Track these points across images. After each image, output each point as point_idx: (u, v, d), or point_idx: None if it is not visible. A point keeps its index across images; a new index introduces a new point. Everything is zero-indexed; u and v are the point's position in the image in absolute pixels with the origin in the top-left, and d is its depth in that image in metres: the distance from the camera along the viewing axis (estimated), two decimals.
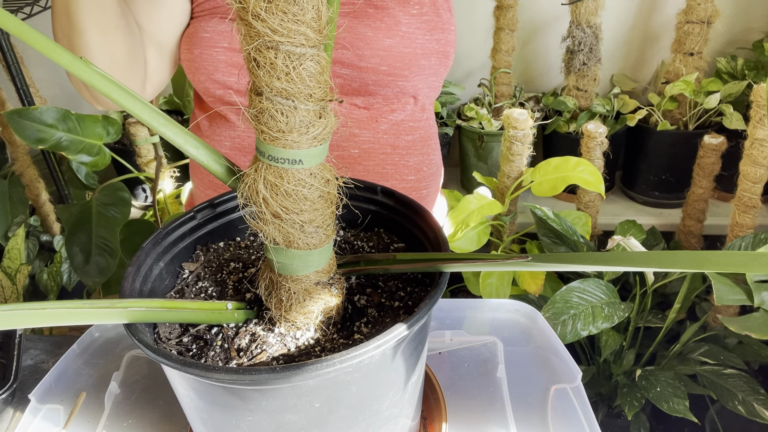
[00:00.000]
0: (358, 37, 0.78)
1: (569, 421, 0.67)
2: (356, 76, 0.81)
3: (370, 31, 0.78)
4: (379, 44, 0.79)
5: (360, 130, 0.84)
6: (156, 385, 0.73)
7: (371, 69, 0.80)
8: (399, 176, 0.90)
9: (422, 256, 0.52)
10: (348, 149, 0.84)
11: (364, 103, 0.84)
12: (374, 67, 0.80)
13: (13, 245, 1.52)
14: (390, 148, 0.87)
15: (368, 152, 0.86)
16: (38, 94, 1.93)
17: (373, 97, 0.84)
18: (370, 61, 0.79)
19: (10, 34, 1.48)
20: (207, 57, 0.78)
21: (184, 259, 0.58)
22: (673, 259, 0.40)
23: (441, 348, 0.78)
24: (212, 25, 0.78)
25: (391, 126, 0.86)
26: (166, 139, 0.47)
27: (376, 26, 0.79)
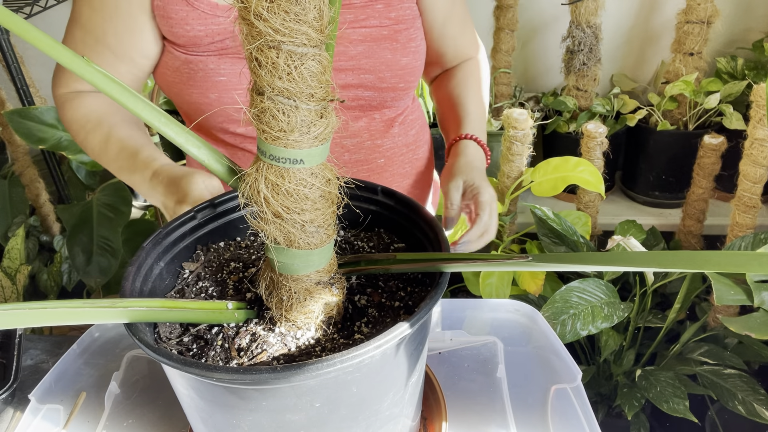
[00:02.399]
0: (379, 61, 0.81)
1: (569, 421, 0.67)
2: (377, 96, 0.84)
3: (389, 53, 0.81)
4: (397, 64, 0.82)
5: (381, 140, 0.88)
6: (156, 385, 0.73)
7: (391, 88, 0.84)
8: (416, 170, 0.96)
9: (422, 256, 0.52)
10: (375, 160, 0.89)
11: (381, 115, 0.88)
12: (393, 86, 0.84)
13: (13, 245, 1.52)
14: (405, 148, 0.92)
15: (391, 158, 0.91)
16: (38, 94, 1.93)
17: (389, 109, 0.88)
18: (390, 82, 0.83)
19: (11, 34, 1.48)
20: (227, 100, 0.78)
21: (184, 258, 0.58)
22: (673, 259, 0.40)
23: (441, 348, 0.78)
24: (226, 67, 0.77)
25: (400, 127, 0.91)
26: (167, 139, 0.47)
27: (394, 48, 0.81)
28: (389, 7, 0.81)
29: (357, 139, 0.87)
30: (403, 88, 0.86)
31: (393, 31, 0.81)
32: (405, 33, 0.83)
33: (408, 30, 0.83)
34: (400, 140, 0.92)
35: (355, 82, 0.82)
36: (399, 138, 0.91)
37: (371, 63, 0.81)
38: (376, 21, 0.80)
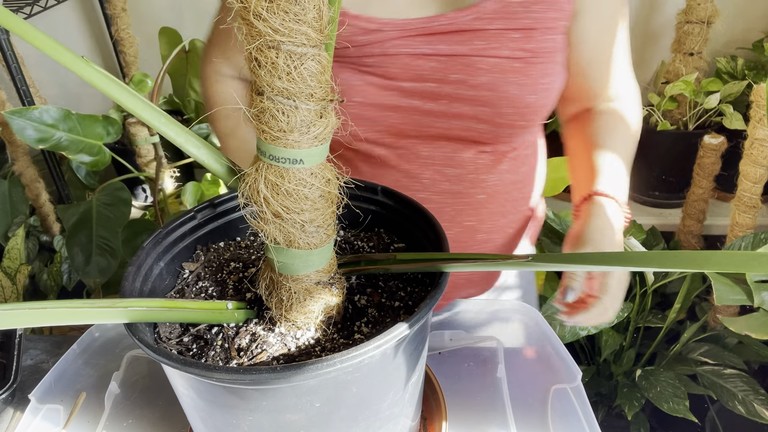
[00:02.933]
0: (502, 96, 0.72)
1: (569, 421, 0.67)
2: (491, 131, 0.76)
3: (515, 89, 0.72)
4: (521, 102, 0.73)
5: (486, 174, 0.80)
6: (156, 385, 0.73)
7: (509, 125, 0.75)
8: (518, 210, 0.86)
9: (422, 256, 0.52)
10: (474, 195, 0.81)
11: (492, 149, 0.80)
12: (512, 122, 0.75)
13: (13, 245, 1.52)
14: (511, 185, 0.83)
15: (493, 195, 0.82)
16: (38, 94, 1.93)
17: (503, 144, 0.80)
18: (509, 118, 0.75)
19: (11, 34, 1.48)
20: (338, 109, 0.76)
21: (184, 258, 0.58)
22: (673, 259, 0.40)
23: (441, 348, 0.78)
24: (345, 79, 0.74)
25: (510, 163, 0.82)
26: (167, 139, 0.47)
27: (522, 83, 0.72)
28: (528, 38, 0.71)
29: (460, 170, 0.79)
30: (523, 126, 0.76)
31: (526, 64, 0.72)
32: (539, 67, 0.73)
33: (544, 64, 0.73)
34: (508, 177, 0.82)
35: (470, 114, 0.74)
36: (507, 175, 0.82)
37: (492, 97, 0.72)
38: (509, 51, 0.71)
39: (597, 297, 0.69)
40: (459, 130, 0.75)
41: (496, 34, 0.70)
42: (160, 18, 1.94)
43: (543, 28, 0.71)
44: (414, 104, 0.73)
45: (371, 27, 0.70)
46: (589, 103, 0.84)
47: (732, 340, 1.48)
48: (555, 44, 0.74)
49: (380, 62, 0.71)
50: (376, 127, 0.75)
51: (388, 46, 0.71)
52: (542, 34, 0.72)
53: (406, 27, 0.70)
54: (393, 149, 0.78)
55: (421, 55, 0.71)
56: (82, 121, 1.26)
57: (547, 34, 0.72)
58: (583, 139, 0.83)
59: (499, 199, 0.82)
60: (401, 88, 0.72)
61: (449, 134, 0.76)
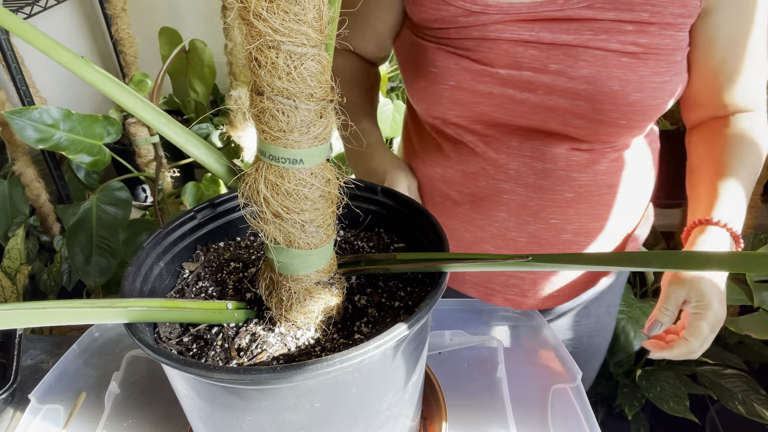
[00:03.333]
0: (602, 91, 0.68)
1: (569, 421, 0.67)
2: (588, 127, 0.71)
3: (617, 85, 0.67)
4: (624, 99, 0.68)
5: (578, 173, 0.75)
6: (156, 385, 0.73)
7: (609, 122, 0.70)
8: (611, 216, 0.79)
9: (422, 256, 0.52)
10: (562, 193, 0.76)
11: (588, 146, 0.74)
12: (613, 121, 0.70)
13: (13, 245, 1.52)
14: (606, 188, 0.77)
15: (583, 195, 0.76)
16: (38, 94, 1.93)
17: (602, 143, 0.74)
18: (609, 116, 0.69)
19: (11, 34, 1.48)
20: (432, 91, 0.74)
21: (184, 258, 0.58)
22: (673, 259, 0.40)
23: (441, 348, 0.78)
24: (440, 61, 0.73)
25: (611, 164, 0.76)
26: (167, 139, 0.47)
27: (626, 79, 0.67)
28: (642, 32, 0.66)
29: (550, 165, 0.74)
30: (625, 126, 0.70)
31: (635, 59, 0.67)
32: (651, 65, 0.67)
33: (657, 62, 0.67)
34: (603, 180, 0.76)
35: (567, 107, 0.69)
36: (602, 177, 0.76)
37: (591, 91, 0.68)
38: (618, 45, 0.66)
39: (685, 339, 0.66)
40: (554, 124, 0.71)
41: (607, 25, 0.66)
42: (160, 18, 1.94)
43: (661, 23, 0.66)
44: (508, 93, 0.71)
45: (475, 9, 0.69)
46: (718, 110, 0.77)
47: (732, 340, 1.48)
48: (674, 42, 0.68)
49: (478, 46, 0.70)
50: (467, 113, 0.74)
51: (489, 30, 0.69)
52: (660, 29, 0.66)
53: (511, 11, 0.68)
54: (481, 136, 0.76)
55: (521, 42, 0.68)
56: (82, 121, 1.26)
57: (665, 30, 0.66)
58: (708, 154, 0.76)
59: (590, 201, 0.77)
60: (497, 74, 0.70)
61: (542, 127, 0.72)
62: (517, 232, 0.79)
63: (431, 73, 0.74)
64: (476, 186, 0.79)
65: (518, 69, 0.69)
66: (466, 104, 0.73)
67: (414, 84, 0.77)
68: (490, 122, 0.74)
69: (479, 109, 0.73)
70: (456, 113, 0.75)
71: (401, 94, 1.67)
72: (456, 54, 0.72)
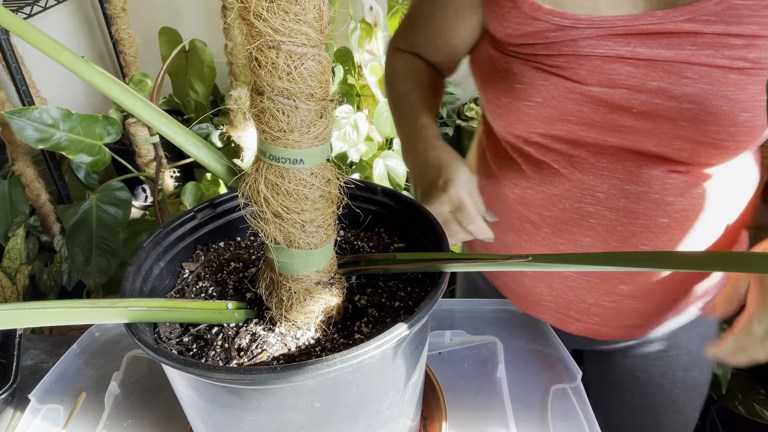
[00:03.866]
0: (708, 111, 0.62)
1: (569, 421, 0.67)
2: (690, 149, 0.66)
3: (725, 104, 0.62)
4: (731, 120, 0.63)
5: (675, 197, 0.69)
6: (156, 385, 0.73)
7: (712, 144, 0.65)
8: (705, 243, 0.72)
9: (422, 256, 0.52)
10: (655, 218, 0.70)
11: (686, 168, 0.68)
12: (717, 143, 0.65)
13: (13, 245, 1.52)
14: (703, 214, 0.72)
15: (678, 221, 0.70)
16: (38, 94, 1.93)
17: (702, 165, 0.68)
18: (714, 137, 0.64)
19: (11, 34, 1.48)
20: (514, 109, 0.70)
21: (184, 258, 0.58)
22: (673, 259, 0.40)
23: (441, 348, 0.78)
24: (527, 76, 0.69)
25: (708, 187, 0.70)
26: (167, 139, 0.47)
27: (735, 98, 0.62)
28: (751, 47, 0.60)
29: (643, 188, 0.69)
30: (729, 148, 0.65)
31: (744, 75, 0.61)
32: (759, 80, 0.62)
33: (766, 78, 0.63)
34: (700, 203, 0.70)
35: (666, 129, 0.64)
36: (700, 201, 0.70)
37: (696, 111, 0.63)
38: (725, 60, 0.61)
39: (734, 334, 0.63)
40: (649, 144, 0.66)
41: (712, 39, 0.61)
42: (160, 18, 1.94)
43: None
44: (600, 112, 0.66)
45: (564, 23, 0.65)
46: None
47: None
48: None
49: (569, 63, 0.66)
50: (553, 131, 0.70)
51: (581, 46, 0.65)
52: None
53: (604, 25, 0.63)
54: (567, 157, 0.71)
55: (616, 58, 0.64)
56: (82, 121, 1.26)
57: None
58: None
59: (685, 227, 0.71)
60: (588, 93, 0.65)
61: (637, 147, 0.67)
62: None
63: (515, 89, 0.70)
64: (559, 209, 0.73)
65: (612, 87, 0.65)
66: (552, 122, 0.69)
67: (494, 100, 0.73)
68: (577, 142, 0.69)
69: (566, 128, 0.69)
70: (540, 131, 0.70)
71: None
72: (544, 70, 0.67)
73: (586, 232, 0.73)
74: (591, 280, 0.75)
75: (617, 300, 0.75)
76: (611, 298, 0.76)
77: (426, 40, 0.83)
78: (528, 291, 0.82)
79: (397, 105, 0.85)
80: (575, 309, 0.79)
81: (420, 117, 0.81)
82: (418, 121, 0.80)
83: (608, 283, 0.75)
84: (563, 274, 0.77)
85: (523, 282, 0.82)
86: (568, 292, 0.78)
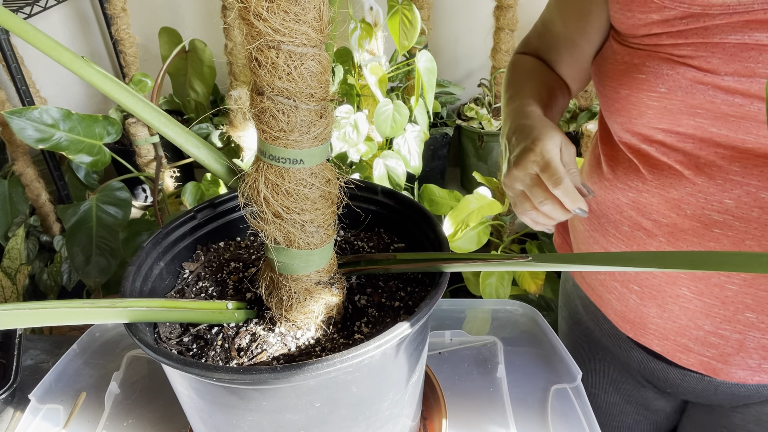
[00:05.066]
0: None
1: (569, 421, 0.67)
2: None
3: None
4: None
5: None
6: (156, 385, 0.73)
7: None
8: None
9: (422, 256, 0.52)
10: None
11: None
12: None
13: (13, 245, 1.52)
14: None
15: None
16: (38, 94, 1.93)
17: None
18: None
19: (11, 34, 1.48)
20: (635, 100, 0.65)
21: (184, 258, 0.58)
22: (673, 259, 0.40)
23: (441, 348, 0.78)
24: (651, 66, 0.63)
25: None
26: (167, 139, 0.47)
27: None
28: None
29: None
30: None
31: None
32: None
33: None
34: None
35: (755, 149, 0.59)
36: None
37: None
38: None
39: None
40: None
41: None
42: (160, 18, 1.94)
43: None
44: (734, 104, 0.59)
45: (694, 10, 0.59)
46: None
47: None
48: None
49: (697, 51, 0.59)
50: (678, 128, 0.63)
51: (713, 33, 0.58)
52: None
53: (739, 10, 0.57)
54: (692, 158, 0.63)
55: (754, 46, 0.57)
56: (82, 121, 1.26)
57: None
58: None
59: None
60: (721, 83, 0.59)
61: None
62: (728, 276, 0.64)
63: (636, 80, 0.64)
64: (678, 215, 0.65)
65: (749, 76, 0.58)
66: (677, 117, 0.62)
67: (612, 94, 0.67)
68: (706, 140, 0.62)
69: (694, 123, 0.62)
70: (663, 128, 0.64)
71: (401, 93, 1.67)
72: (670, 59, 0.61)
73: (707, 243, 0.64)
74: (710, 303, 0.65)
75: (742, 330, 0.65)
76: (734, 328, 0.65)
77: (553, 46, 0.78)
78: (633, 310, 0.72)
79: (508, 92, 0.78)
80: (689, 336, 0.68)
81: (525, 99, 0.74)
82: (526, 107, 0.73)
83: (731, 308, 0.64)
84: (677, 294, 0.67)
85: (629, 300, 0.72)
86: (681, 315, 0.67)
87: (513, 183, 0.63)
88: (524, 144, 0.64)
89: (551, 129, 0.65)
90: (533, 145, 0.62)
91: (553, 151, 0.61)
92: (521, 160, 0.63)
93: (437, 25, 1.96)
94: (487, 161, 1.86)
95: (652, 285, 0.68)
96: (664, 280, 0.67)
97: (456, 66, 2.03)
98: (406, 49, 1.37)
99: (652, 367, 0.75)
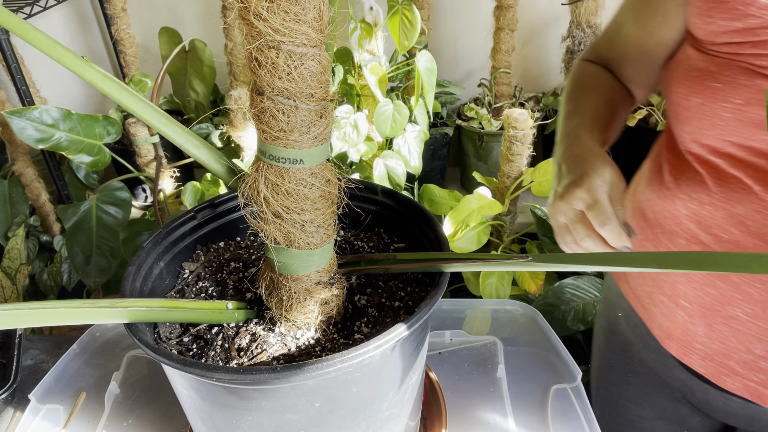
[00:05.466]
0: None
1: (569, 421, 0.67)
2: None
3: None
4: None
5: None
6: (156, 385, 0.73)
7: None
8: None
9: (422, 256, 0.52)
10: None
11: None
12: None
13: (13, 245, 1.52)
14: None
15: None
16: (38, 94, 1.93)
17: None
18: None
19: (11, 34, 1.48)
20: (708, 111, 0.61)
21: (184, 258, 0.58)
22: (673, 259, 0.40)
23: (441, 348, 0.78)
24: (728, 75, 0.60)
25: None
26: (167, 139, 0.47)
27: None
28: None
29: None
30: None
31: None
32: None
33: None
34: None
35: None
36: None
37: None
38: None
39: None
40: None
41: None
42: (160, 18, 1.94)
43: None
44: None
45: None
46: None
47: None
48: None
49: None
50: (751, 142, 0.60)
51: None
52: None
53: None
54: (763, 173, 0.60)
55: None
56: (82, 121, 1.26)
57: None
58: None
59: None
60: None
61: None
62: None
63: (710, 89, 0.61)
64: (741, 232, 0.62)
65: None
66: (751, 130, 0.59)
67: (683, 101, 0.64)
68: None
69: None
70: (735, 141, 0.61)
71: (401, 93, 1.67)
72: (750, 69, 0.58)
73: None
74: (766, 328, 0.62)
75: None
76: None
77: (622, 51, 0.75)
78: (679, 327, 0.69)
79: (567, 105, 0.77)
80: (737, 359, 0.65)
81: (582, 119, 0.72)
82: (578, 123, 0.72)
83: None
84: (730, 314, 0.63)
85: (676, 316, 0.69)
86: (730, 336, 0.64)
87: (557, 215, 0.62)
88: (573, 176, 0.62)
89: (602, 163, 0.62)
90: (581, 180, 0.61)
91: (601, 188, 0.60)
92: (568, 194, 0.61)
93: (437, 25, 1.96)
94: (487, 161, 1.86)
95: (703, 303, 0.65)
96: (716, 299, 0.64)
97: (456, 66, 2.03)
98: (406, 49, 1.37)
99: (692, 387, 0.72)
